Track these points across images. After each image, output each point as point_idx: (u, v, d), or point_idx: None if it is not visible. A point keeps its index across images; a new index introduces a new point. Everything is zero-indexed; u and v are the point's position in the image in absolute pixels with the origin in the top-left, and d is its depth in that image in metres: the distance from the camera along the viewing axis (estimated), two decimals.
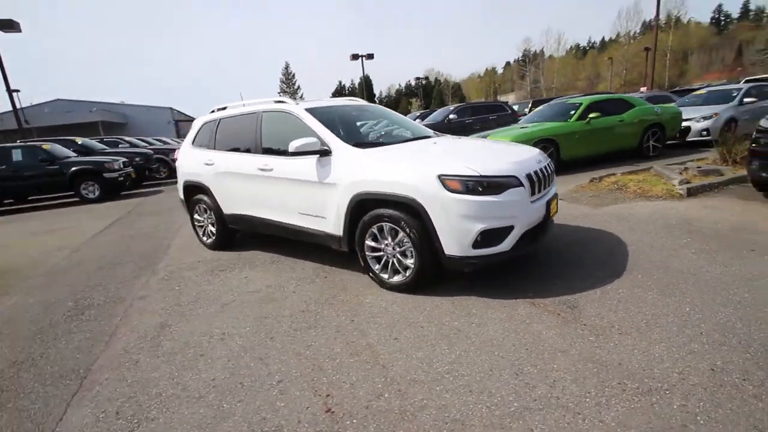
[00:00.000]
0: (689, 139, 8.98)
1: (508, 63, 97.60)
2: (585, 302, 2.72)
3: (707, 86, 14.85)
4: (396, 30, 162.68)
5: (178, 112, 42.23)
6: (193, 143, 4.84)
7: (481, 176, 2.71)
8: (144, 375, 2.39)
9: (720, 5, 77.16)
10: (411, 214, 2.93)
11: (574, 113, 7.86)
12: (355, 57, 25.48)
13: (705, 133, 8.78)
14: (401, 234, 3.00)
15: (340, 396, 2.04)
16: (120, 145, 14.59)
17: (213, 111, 4.85)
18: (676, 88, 19.79)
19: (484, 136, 7.57)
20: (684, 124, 8.81)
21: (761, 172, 4.45)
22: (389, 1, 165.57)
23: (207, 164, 4.48)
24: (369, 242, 3.22)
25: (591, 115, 7.66)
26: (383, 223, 3.08)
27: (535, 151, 3.37)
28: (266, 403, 2.03)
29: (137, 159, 12.11)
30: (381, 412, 1.90)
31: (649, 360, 2.08)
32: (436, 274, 3.05)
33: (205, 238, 4.92)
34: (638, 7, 65.49)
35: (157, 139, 19.07)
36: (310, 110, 3.69)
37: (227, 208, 4.42)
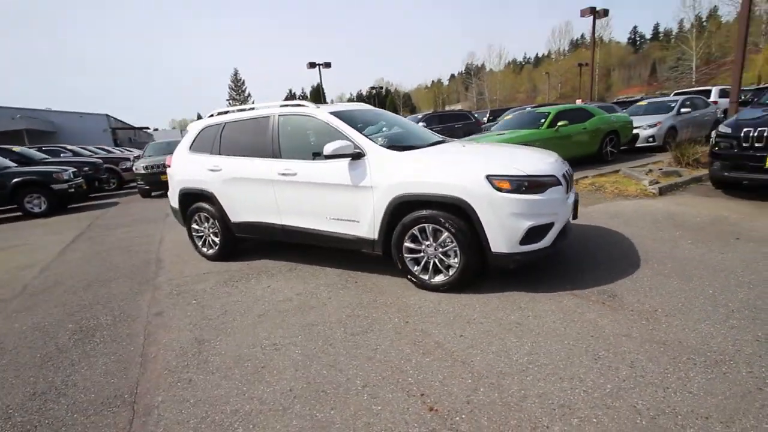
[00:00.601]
0: (638, 144, 9.98)
1: (452, 75, 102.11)
2: (621, 291, 2.94)
3: (643, 98, 16.57)
4: (343, 39, 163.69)
5: (115, 119, 39.10)
6: (190, 148, 4.56)
7: (528, 176, 2.86)
8: (207, 393, 2.22)
9: (635, 26, 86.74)
10: (456, 214, 2.99)
11: (544, 121, 8.42)
12: (312, 65, 25.25)
13: (651, 139, 9.83)
14: (444, 234, 3.06)
15: (435, 394, 2.03)
16: (62, 155, 13.20)
17: (212, 115, 4.62)
18: (617, 100, 21.83)
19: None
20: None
21: (723, 171, 5.08)
22: (337, 11, 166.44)
23: (212, 170, 4.24)
24: (408, 244, 3.24)
25: (559, 123, 8.25)
26: (425, 225, 3.11)
27: (555, 155, 3.60)
28: (362, 409, 1.98)
29: (86, 169, 11.05)
30: (485, 405, 1.92)
31: (703, 336, 2.31)
32: (479, 272, 3.14)
33: (205, 249, 4.62)
34: (569, 27, 71.73)
35: (100, 148, 17.52)
36: (335, 114, 3.65)
37: (236, 216, 4.21)
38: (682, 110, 10.20)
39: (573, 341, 2.37)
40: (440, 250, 3.13)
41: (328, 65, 25.67)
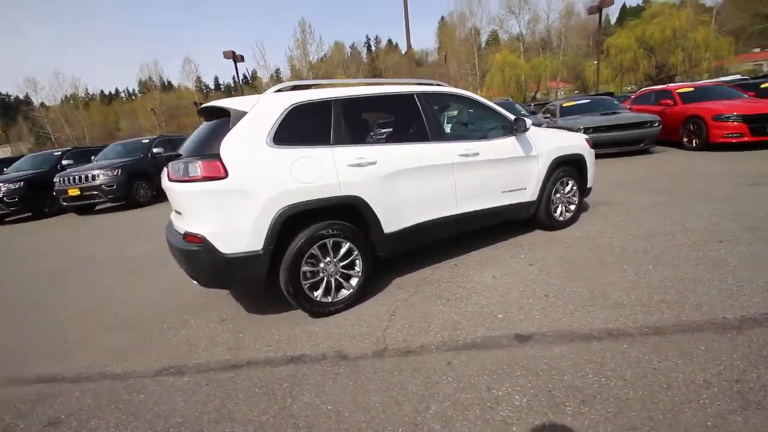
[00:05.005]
0: None
1: None
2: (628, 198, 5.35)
3: None
4: None
5: None
6: (275, 140, 2.67)
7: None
8: None
9: (199, 77, 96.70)
10: (575, 166, 4.30)
11: None
12: None
13: None
14: (571, 183, 4.28)
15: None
16: None
17: (280, 90, 2.93)
18: None
19: None
20: None
21: None
22: None
23: (357, 165, 2.85)
24: (553, 196, 4.15)
25: None
26: (564, 178, 4.18)
27: None
28: (738, 287, 3.19)
29: None
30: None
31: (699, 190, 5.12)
32: None
33: (327, 298, 2.87)
34: (158, 65, 70.23)
35: None
36: None
37: (397, 223, 3.09)
38: None
39: (716, 202, 4.50)
40: (568, 195, 4.31)
41: None
